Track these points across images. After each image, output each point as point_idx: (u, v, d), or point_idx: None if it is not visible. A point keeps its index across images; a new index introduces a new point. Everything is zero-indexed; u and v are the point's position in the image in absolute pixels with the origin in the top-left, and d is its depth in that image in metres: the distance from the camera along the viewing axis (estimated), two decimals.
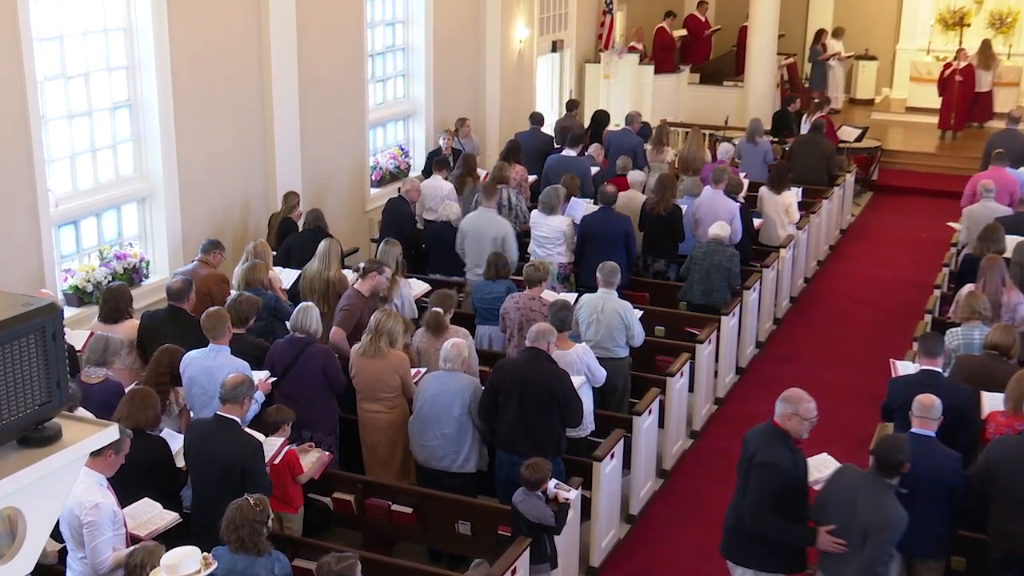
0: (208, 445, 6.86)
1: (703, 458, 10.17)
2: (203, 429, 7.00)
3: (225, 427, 6.88)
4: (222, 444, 6.81)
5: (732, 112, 19.88)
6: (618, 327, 9.30)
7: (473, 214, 11.38)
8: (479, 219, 11.22)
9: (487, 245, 10.94)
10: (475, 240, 11.08)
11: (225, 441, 6.82)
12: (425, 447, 8.03)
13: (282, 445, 7.27)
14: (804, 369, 12.01)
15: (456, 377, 7.95)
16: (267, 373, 8.09)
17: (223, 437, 6.84)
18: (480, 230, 11.12)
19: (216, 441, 6.84)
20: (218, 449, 6.80)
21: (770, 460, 6.45)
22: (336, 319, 9.15)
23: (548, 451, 7.63)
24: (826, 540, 6.37)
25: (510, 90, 17.45)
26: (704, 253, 11.17)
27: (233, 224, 11.93)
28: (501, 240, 10.97)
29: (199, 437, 6.95)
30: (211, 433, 6.90)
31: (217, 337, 7.89)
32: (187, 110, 11.10)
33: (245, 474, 6.72)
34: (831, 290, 14.54)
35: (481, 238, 11.06)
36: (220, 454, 6.78)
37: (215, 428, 6.92)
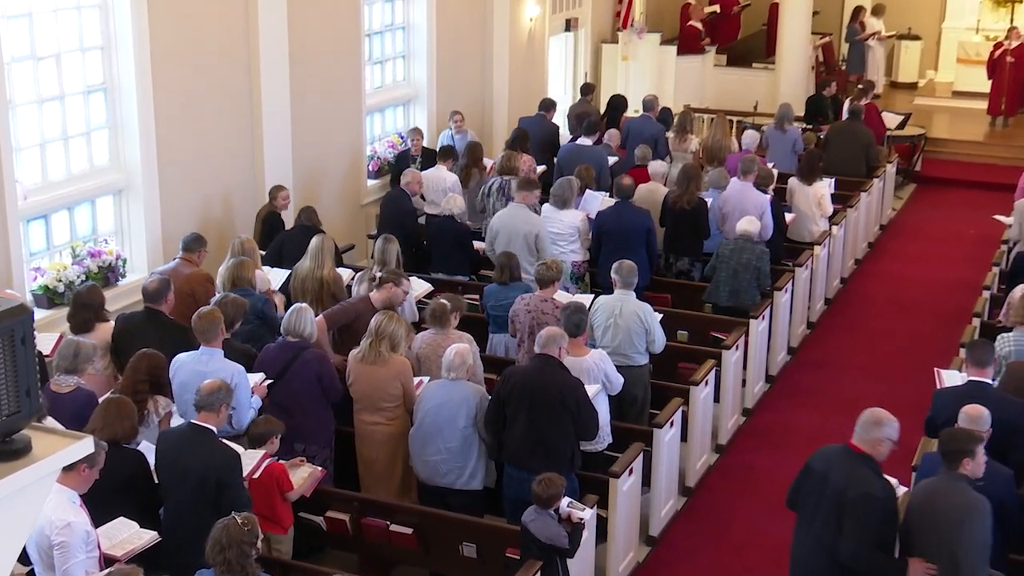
0: (181, 456, 6.87)
1: (729, 474, 10.16)
2: (176, 438, 7.01)
3: (200, 436, 6.89)
4: (196, 455, 6.81)
5: (762, 97, 19.86)
6: (637, 332, 9.30)
7: (506, 210, 11.31)
8: (511, 215, 11.14)
9: (519, 244, 10.88)
10: (506, 239, 11.00)
11: (199, 452, 6.82)
12: (427, 462, 8.03)
13: (263, 458, 7.27)
14: (840, 378, 11.99)
15: (460, 386, 7.95)
16: (262, 376, 8.11)
17: (197, 447, 6.85)
18: (512, 228, 11.01)
19: (190, 451, 6.85)
20: (192, 460, 6.81)
21: (869, 492, 6.39)
22: (327, 311, 9.16)
23: (561, 466, 7.62)
24: (919, 570, 6.36)
25: (519, 73, 17.45)
26: (731, 251, 11.16)
27: (218, 218, 11.95)
28: (534, 238, 10.90)
29: (172, 447, 6.96)
30: (184, 443, 6.91)
31: (210, 340, 7.91)
32: (168, 94, 11.12)
33: (220, 488, 6.73)
34: (870, 291, 14.51)
35: (513, 236, 10.97)
36: (194, 466, 6.79)
37: (189, 437, 6.93)
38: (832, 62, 22.76)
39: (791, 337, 12.48)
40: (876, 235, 16.36)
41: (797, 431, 10.88)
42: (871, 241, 16.06)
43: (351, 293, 10.03)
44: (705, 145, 14.96)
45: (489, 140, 16.83)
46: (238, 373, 7.73)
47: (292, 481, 7.40)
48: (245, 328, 8.86)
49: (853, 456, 6.54)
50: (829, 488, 6.52)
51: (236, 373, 7.70)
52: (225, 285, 9.40)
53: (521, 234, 10.96)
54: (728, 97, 20.42)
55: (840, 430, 10.78)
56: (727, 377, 10.34)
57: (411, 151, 14.16)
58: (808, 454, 9.99)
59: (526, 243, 10.91)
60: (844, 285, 14.56)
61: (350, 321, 9.11)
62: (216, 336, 7.93)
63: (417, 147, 14.15)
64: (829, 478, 6.54)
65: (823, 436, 10.68)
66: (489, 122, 17.05)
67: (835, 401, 11.45)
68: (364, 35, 14.23)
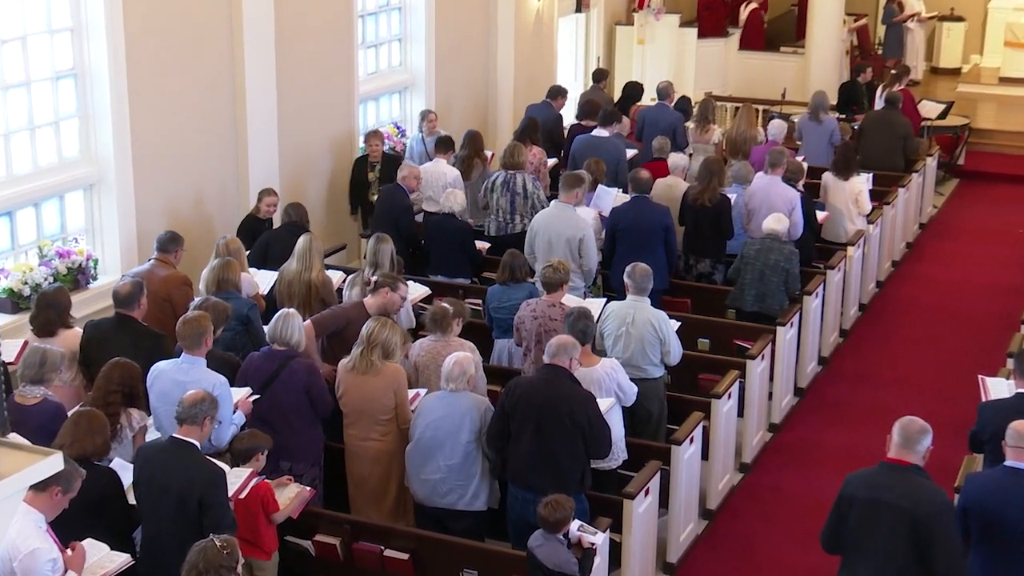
0: (161, 472, 6.88)
1: (755, 496, 10.16)
2: (155, 454, 7.02)
3: (181, 451, 6.90)
4: (177, 471, 6.82)
5: (790, 84, 19.85)
6: (651, 341, 9.30)
7: (547, 211, 11.25)
8: (555, 216, 11.07)
9: (561, 247, 10.83)
10: (546, 242, 10.93)
11: (181, 468, 6.83)
12: (426, 481, 8.04)
13: (249, 476, 7.28)
14: (876, 391, 11.98)
15: (463, 397, 7.97)
16: (248, 390, 8.12)
17: (179, 463, 6.86)
18: (555, 229, 10.92)
19: (170, 468, 6.86)
20: (172, 477, 6.82)
21: (943, 503, 6.39)
22: (316, 316, 9.18)
23: (570, 486, 7.62)
24: None
25: (526, 58, 17.46)
26: (757, 251, 11.16)
27: (197, 216, 11.97)
28: (579, 241, 10.83)
29: (150, 463, 6.97)
30: (165, 458, 6.92)
31: (193, 348, 7.92)
32: (143, 80, 11.14)
33: (204, 508, 6.74)
34: (909, 296, 14.50)
35: (555, 239, 10.89)
36: (175, 483, 6.80)
37: (170, 453, 6.94)
38: (867, 46, 22.78)
39: (822, 346, 12.47)
40: (915, 235, 16.36)
41: (828, 449, 10.87)
42: (910, 241, 16.05)
43: (342, 298, 10.04)
44: (728, 136, 14.96)
45: (493, 131, 16.85)
46: (220, 384, 7.74)
47: (278, 501, 7.41)
48: (226, 335, 8.88)
49: (903, 471, 6.50)
50: (888, 513, 6.44)
51: (219, 384, 7.71)
52: (209, 288, 9.41)
53: (564, 238, 10.86)
54: (753, 84, 20.44)
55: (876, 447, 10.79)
56: (752, 389, 10.34)
57: (369, 157, 13.53)
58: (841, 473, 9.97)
59: (569, 248, 10.82)
60: (880, 289, 14.55)
61: (341, 328, 9.11)
62: (201, 345, 7.94)
63: (376, 152, 13.51)
64: (883, 502, 6.47)
65: (856, 454, 10.69)
66: (493, 111, 17.06)
67: (870, 416, 11.42)
68: (357, 16, 14.25)
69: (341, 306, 9.43)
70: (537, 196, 12.34)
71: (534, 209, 12.30)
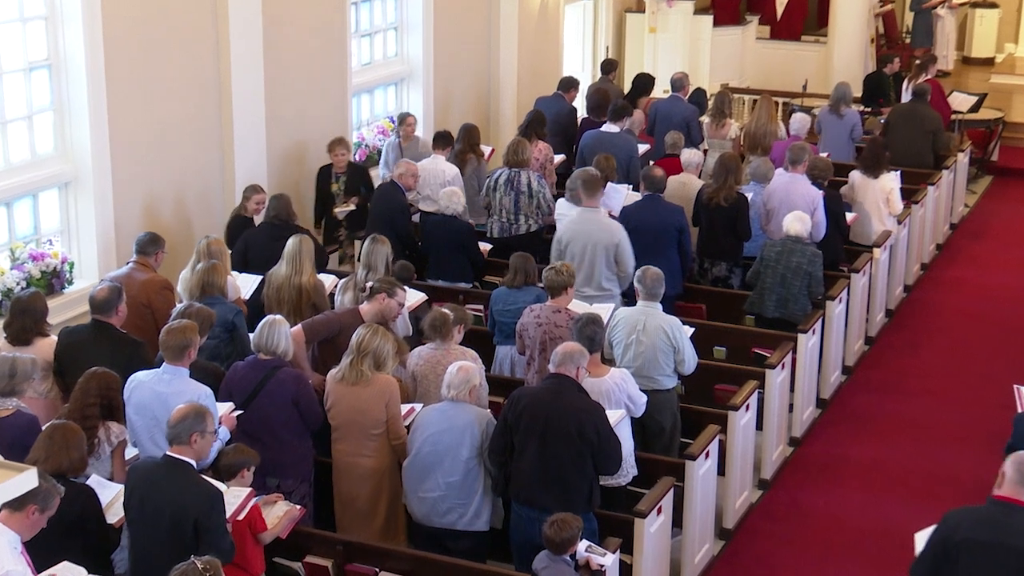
0: (154, 493, 6.88)
1: (774, 514, 10.15)
2: (148, 473, 7.02)
3: (176, 471, 6.90)
4: (172, 492, 6.83)
5: (812, 75, 19.83)
6: (664, 350, 9.30)
7: (577, 217, 11.09)
8: (585, 222, 10.94)
9: (599, 257, 10.73)
10: (580, 250, 10.79)
11: (175, 489, 6.84)
12: (424, 499, 8.04)
13: (249, 496, 7.28)
14: (904, 402, 11.97)
15: (464, 409, 7.97)
16: (231, 405, 8.12)
17: (173, 484, 6.86)
18: (589, 237, 10.79)
19: (164, 488, 6.86)
20: (166, 499, 6.82)
21: None
22: (306, 321, 9.19)
23: (577, 505, 7.63)
24: None
25: (530, 48, 17.47)
26: (778, 254, 11.15)
27: (180, 216, 11.97)
28: (615, 247, 10.74)
29: (143, 483, 6.97)
30: (158, 478, 6.92)
31: (176, 358, 7.92)
32: (122, 72, 11.14)
33: (200, 531, 6.73)
34: (939, 301, 14.49)
35: (589, 247, 10.75)
36: (169, 505, 6.80)
37: (164, 472, 6.93)
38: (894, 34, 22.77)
39: (846, 354, 12.47)
40: (946, 236, 16.34)
41: (853, 464, 10.86)
42: (940, 243, 16.04)
43: (334, 303, 10.05)
44: (747, 131, 14.97)
45: (495, 125, 16.85)
46: (204, 396, 7.73)
47: (266, 521, 7.41)
48: (210, 343, 8.88)
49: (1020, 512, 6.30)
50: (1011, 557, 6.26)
51: (202, 396, 7.70)
52: (192, 292, 9.41)
53: (601, 245, 10.75)
54: (773, 75, 20.42)
55: (905, 463, 10.82)
56: (771, 401, 10.34)
57: (333, 167, 13.03)
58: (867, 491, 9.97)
59: (606, 256, 10.74)
60: (908, 294, 14.55)
61: (333, 335, 9.11)
62: (184, 356, 7.93)
63: (341, 162, 13.00)
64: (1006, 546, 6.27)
65: (884, 470, 10.70)
66: (496, 105, 17.06)
67: (898, 429, 11.43)
68: (350, 3, 14.25)
69: (335, 311, 9.44)
70: (543, 195, 12.34)
71: (539, 209, 12.32)
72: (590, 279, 10.74)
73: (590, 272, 10.74)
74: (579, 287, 10.68)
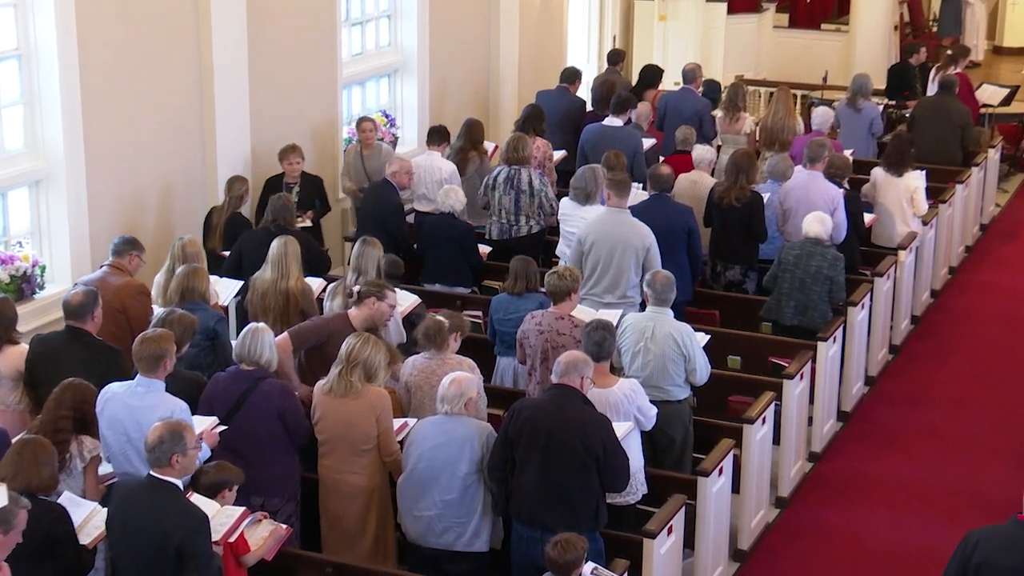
0: (136, 516, 6.87)
1: (792, 535, 10.14)
2: (131, 494, 7.01)
3: (160, 493, 6.88)
4: (155, 515, 6.81)
5: (833, 66, 19.84)
6: (674, 359, 9.29)
7: (603, 218, 10.99)
8: (614, 224, 10.84)
9: (628, 262, 10.65)
10: (608, 254, 10.72)
11: (159, 512, 6.82)
12: (420, 518, 8.03)
13: (241, 517, 7.26)
14: (931, 414, 11.96)
15: (461, 423, 7.95)
16: (215, 419, 8.10)
17: (156, 507, 6.84)
18: (618, 239, 10.70)
19: (147, 511, 6.84)
20: (149, 522, 6.80)
21: None
22: (293, 328, 9.18)
23: (582, 524, 7.61)
24: None
25: (532, 37, 17.47)
26: (797, 257, 11.15)
27: (158, 217, 11.97)
28: (646, 251, 10.67)
29: (126, 505, 6.96)
30: (141, 500, 6.91)
31: (150, 369, 7.89)
32: (97, 61, 11.13)
33: (185, 557, 6.72)
34: (968, 307, 14.49)
35: (618, 251, 10.67)
36: (151, 529, 6.78)
37: (146, 494, 6.91)
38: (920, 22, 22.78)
39: (869, 364, 12.45)
40: (975, 237, 16.33)
41: (877, 481, 10.85)
42: (969, 245, 16.03)
43: (322, 308, 10.03)
44: (763, 126, 14.95)
45: (495, 120, 16.84)
46: (180, 411, 7.70)
47: (249, 542, 7.39)
48: (190, 352, 8.86)
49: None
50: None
51: (177, 411, 7.67)
52: (170, 298, 9.40)
53: (632, 248, 10.66)
54: (791, 66, 20.42)
55: (931, 479, 10.81)
56: (789, 414, 10.32)
57: (285, 177, 12.53)
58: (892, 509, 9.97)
59: (636, 260, 10.67)
60: (936, 299, 14.54)
61: (322, 342, 9.10)
62: (159, 367, 7.90)
63: (294, 173, 12.54)
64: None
65: (910, 487, 10.69)
66: (495, 98, 17.05)
67: (925, 443, 11.42)
68: None
69: (323, 317, 9.43)
70: (544, 194, 12.33)
71: (541, 209, 12.31)
72: (615, 286, 10.68)
73: (616, 278, 10.68)
74: (601, 295, 10.70)
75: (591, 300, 10.66)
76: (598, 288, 10.73)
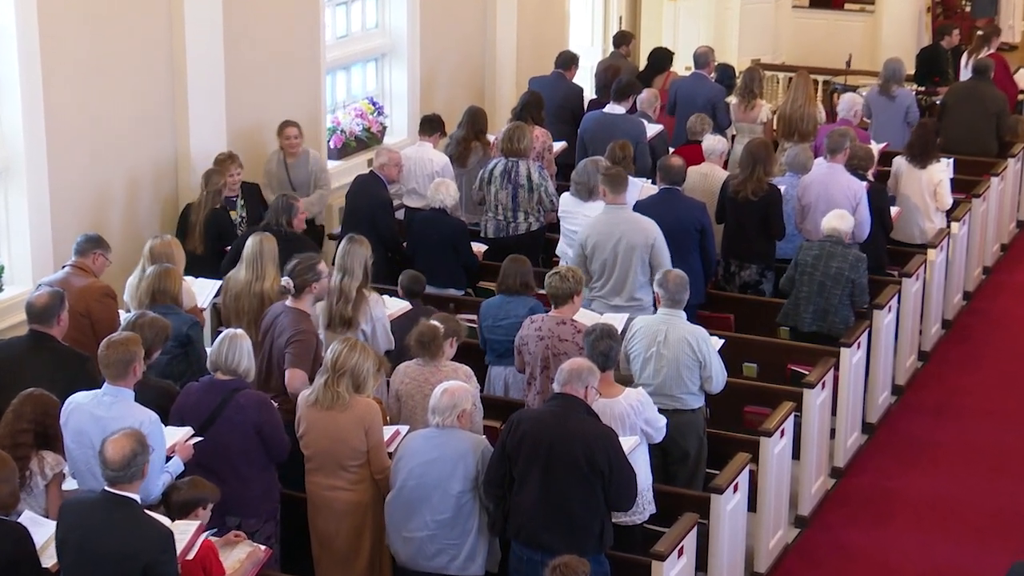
0: (95, 536, 6.84)
1: (813, 557, 10.14)
2: (87, 512, 6.98)
3: (119, 510, 6.86)
4: (117, 535, 6.80)
5: (857, 49, 19.86)
6: (688, 365, 9.30)
7: (603, 216, 11.00)
8: (609, 221, 10.88)
9: (634, 261, 10.66)
10: (612, 254, 10.75)
11: (120, 530, 6.80)
12: (410, 539, 8.03)
13: (197, 531, 7.26)
14: (963, 426, 11.97)
15: (455, 437, 7.95)
16: (188, 430, 8.10)
17: (116, 525, 6.83)
18: (619, 237, 10.72)
19: (106, 530, 6.82)
20: (111, 542, 6.78)
21: None
22: (288, 359, 9.14)
23: (586, 545, 7.62)
24: None
25: (531, 18, 17.46)
26: (816, 257, 11.14)
27: (127, 213, 11.95)
28: (651, 249, 10.69)
29: (79, 524, 6.93)
30: (98, 518, 6.88)
31: (118, 376, 7.89)
32: (60, 42, 11.11)
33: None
34: (1003, 310, 14.51)
35: (622, 250, 10.69)
36: (113, 550, 6.76)
37: (104, 512, 6.89)
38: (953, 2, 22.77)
39: (897, 372, 12.46)
40: (1011, 234, 16.34)
41: (905, 499, 10.85)
42: (1004, 243, 16.04)
43: None
44: (781, 114, 14.97)
45: (491, 109, 16.79)
46: (150, 423, 7.69)
47: (224, 565, 7.39)
48: (161, 359, 8.86)
49: None
50: None
51: (147, 422, 7.66)
52: (141, 301, 9.40)
53: (637, 247, 10.68)
54: (812, 50, 20.43)
55: (964, 497, 10.80)
56: (810, 425, 10.33)
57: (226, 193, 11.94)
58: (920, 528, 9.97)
59: (642, 259, 10.69)
60: (968, 302, 14.55)
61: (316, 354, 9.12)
62: (127, 374, 7.91)
63: (233, 184, 12.13)
64: None
65: (941, 505, 10.69)
66: (492, 85, 17.05)
67: (957, 458, 11.41)
68: None
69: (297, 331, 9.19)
70: (544, 189, 12.33)
71: (540, 205, 12.31)
72: (621, 288, 10.70)
73: (622, 280, 10.71)
74: (607, 297, 10.73)
75: (600, 302, 10.69)
76: (604, 291, 10.76)
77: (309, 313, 9.30)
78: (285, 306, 9.35)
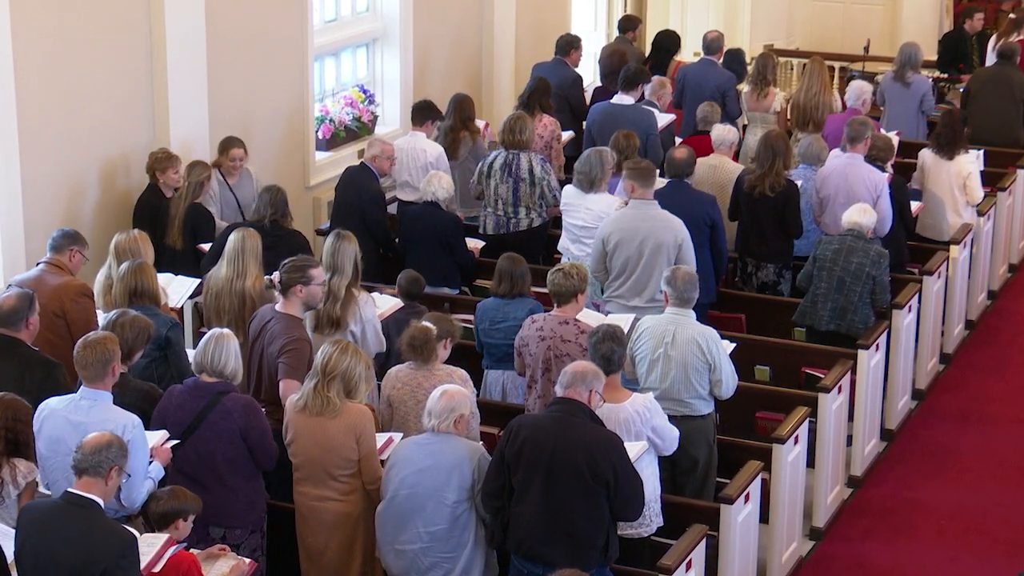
0: (52, 540, 6.84)
1: (829, 571, 10.16)
2: (45, 516, 6.97)
3: (79, 513, 6.85)
4: (74, 539, 6.79)
5: (876, 34, 19.84)
6: (698, 368, 9.31)
7: (628, 212, 11.00)
8: (637, 217, 10.86)
9: (660, 261, 10.61)
10: (636, 253, 10.72)
11: (79, 534, 6.80)
12: (403, 552, 8.05)
13: (166, 544, 7.25)
14: (987, 433, 11.98)
15: (450, 443, 7.96)
16: (165, 434, 8.10)
17: (76, 528, 6.82)
18: (646, 235, 10.71)
19: (65, 535, 6.82)
20: (68, 547, 6.78)
21: None
22: (282, 369, 9.13)
23: (590, 559, 7.64)
24: None
25: (531, 1, 17.46)
26: (835, 252, 11.15)
27: (103, 207, 11.95)
28: (678, 248, 10.68)
29: (38, 528, 6.92)
30: (57, 522, 6.87)
31: (96, 378, 7.90)
32: (31, 25, 11.10)
33: None
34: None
35: (648, 249, 10.68)
36: (71, 554, 6.75)
37: (64, 515, 6.89)
38: None
39: (917, 375, 12.48)
40: None
41: (925, 510, 10.86)
42: None
43: None
44: (794, 102, 14.98)
45: (488, 96, 16.84)
46: (132, 427, 7.71)
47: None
48: (139, 362, 8.86)
49: None
50: None
51: (130, 427, 7.68)
52: (117, 300, 9.40)
53: (664, 246, 10.66)
54: (827, 34, 20.42)
55: (988, 508, 10.81)
56: (825, 432, 10.34)
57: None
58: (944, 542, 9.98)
59: (668, 259, 10.63)
60: (994, 302, 14.57)
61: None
62: (106, 375, 7.92)
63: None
64: None
65: (965, 516, 10.70)
66: (489, 71, 17.03)
67: (980, 467, 11.42)
68: None
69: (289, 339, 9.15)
70: (547, 183, 12.33)
71: (543, 199, 12.30)
72: (642, 288, 10.70)
73: (645, 280, 10.69)
74: (625, 297, 10.74)
75: (616, 303, 10.69)
76: (623, 290, 10.75)
77: (301, 319, 9.27)
78: (275, 311, 9.30)
